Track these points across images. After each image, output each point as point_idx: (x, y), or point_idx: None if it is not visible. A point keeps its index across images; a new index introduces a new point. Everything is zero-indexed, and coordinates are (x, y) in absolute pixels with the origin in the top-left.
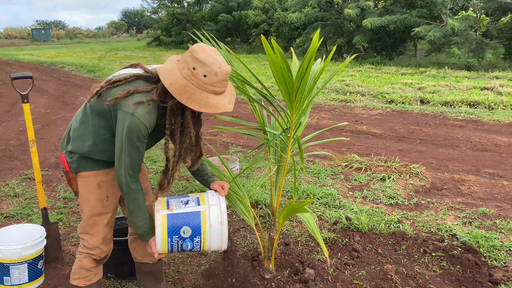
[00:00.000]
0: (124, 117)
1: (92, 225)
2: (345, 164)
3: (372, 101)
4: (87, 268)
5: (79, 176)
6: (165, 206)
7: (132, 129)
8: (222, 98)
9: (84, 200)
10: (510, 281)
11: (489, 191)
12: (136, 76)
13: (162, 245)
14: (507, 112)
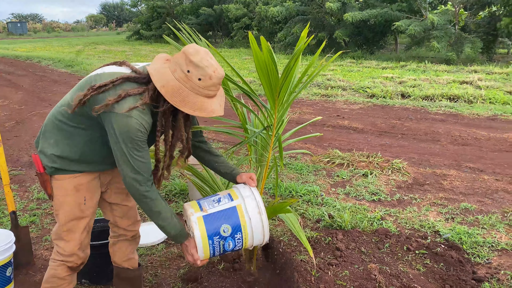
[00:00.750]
0: (120, 120)
1: (68, 231)
2: (327, 159)
3: (354, 95)
4: (61, 277)
5: (54, 178)
6: (198, 208)
7: (130, 132)
8: (215, 101)
9: (60, 204)
10: (493, 278)
11: (470, 186)
12: (123, 78)
13: (204, 249)
14: (486, 106)
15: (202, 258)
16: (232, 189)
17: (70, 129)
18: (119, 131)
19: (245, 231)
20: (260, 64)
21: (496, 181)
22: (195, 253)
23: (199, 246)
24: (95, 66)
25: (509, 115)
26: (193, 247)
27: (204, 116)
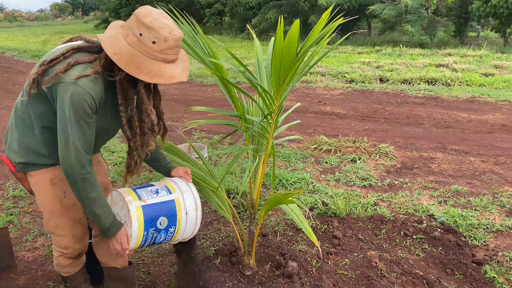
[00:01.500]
0: (66, 88)
1: (57, 227)
2: (314, 146)
3: (333, 81)
4: (66, 265)
5: (28, 175)
6: (136, 197)
7: (75, 100)
8: (175, 67)
9: (40, 200)
10: (493, 261)
11: (458, 168)
12: (74, 49)
13: (137, 239)
14: (464, 88)
15: (131, 248)
16: (167, 181)
17: (32, 119)
18: (65, 100)
19: (179, 226)
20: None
21: (483, 162)
22: (125, 242)
23: (134, 236)
24: None
25: (486, 97)
26: (124, 235)
27: (163, 83)
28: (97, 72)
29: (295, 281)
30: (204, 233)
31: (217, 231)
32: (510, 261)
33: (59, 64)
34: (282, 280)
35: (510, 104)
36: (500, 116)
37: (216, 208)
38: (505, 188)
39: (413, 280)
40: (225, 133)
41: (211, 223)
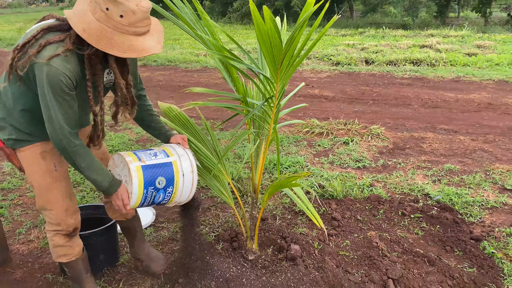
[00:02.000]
0: (40, 70)
1: (47, 201)
2: (306, 130)
3: (319, 64)
4: (61, 245)
5: (18, 151)
6: (136, 158)
7: (51, 80)
8: (148, 39)
9: (31, 175)
10: (490, 237)
11: (449, 147)
12: (44, 30)
13: (137, 197)
14: (448, 68)
15: (132, 206)
16: (165, 147)
17: (13, 102)
18: (42, 81)
19: (177, 186)
20: (263, 33)
21: (472, 141)
22: (126, 198)
23: (134, 194)
24: None
25: (471, 77)
26: (124, 192)
27: (136, 57)
28: (68, 49)
29: (299, 264)
30: (203, 220)
31: (215, 217)
32: (507, 236)
33: (31, 47)
34: (285, 263)
35: (494, 83)
36: (485, 95)
37: (217, 193)
38: (496, 165)
39: (414, 258)
40: (216, 119)
41: (209, 209)
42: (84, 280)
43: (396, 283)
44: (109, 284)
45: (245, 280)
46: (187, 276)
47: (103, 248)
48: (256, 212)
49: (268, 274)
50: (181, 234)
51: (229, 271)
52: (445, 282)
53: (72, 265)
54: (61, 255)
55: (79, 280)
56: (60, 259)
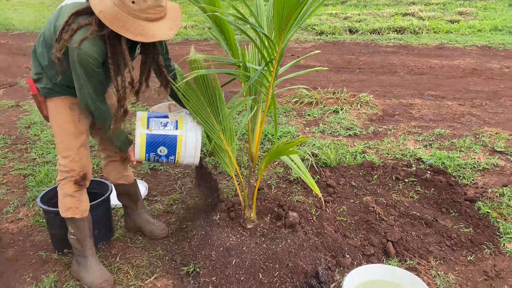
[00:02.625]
0: (72, 53)
1: (67, 147)
2: (295, 100)
3: (302, 34)
4: (70, 194)
5: (49, 99)
6: (145, 125)
7: (81, 61)
8: (160, 25)
9: (56, 122)
10: (484, 197)
11: (438, 113)
12: (74, 14)
13: (140, 157)
14: (432, 36)
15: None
16: (182, 116)
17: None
18: (74, 62)
19: (178, 156)
20: None
21: (460, 105)
22: (132, 156)
23: (137, 155)
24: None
25: (454, 43)
26: (131, 151)
27: (145, 41)
28: (94, 31)
29: (298, 230)
30: (198, 192)
31: None
32: (500, 196)
33: (66, 32)
34: (284, 230)
35: (478, 49)
36: (470, 61)
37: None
38: (485, 128)
39: (411, 221)
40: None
41: None
42: (86, 243)
43: (396, 245)
44: (106, 259)
45: (245, 248)
46: (186, 246)
47: (98, 223)
48: (254, 181)
49: (268, 242)
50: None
51: (228, 240)
52: (443, 243)
53: (77, 224)
54: (68, 208)
55: (81, 241)
56: (67, 213)
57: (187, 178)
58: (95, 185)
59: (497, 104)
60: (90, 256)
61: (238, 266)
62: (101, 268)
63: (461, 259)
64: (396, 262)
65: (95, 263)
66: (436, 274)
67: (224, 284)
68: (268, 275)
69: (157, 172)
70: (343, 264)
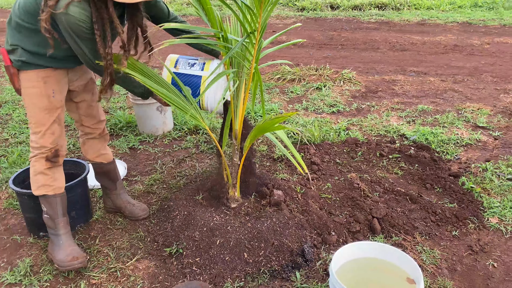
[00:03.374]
0: (61, 18)
1: (39, 122)
2: (278, 76)
3: (283, 10)
4: (41, 171)
5: (23, 72)
6: (174, 64)
7: (72, 26)
8: None
9: (29, 94)
10: (467, 172)
11: (420, 89)
12: None
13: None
14: (413, 12)
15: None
16: (210, 60)
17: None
18: (65, 28)
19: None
20: None
21: (442, 81)
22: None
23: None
24: None
25: (436, 19)
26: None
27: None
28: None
29: (283, 209)
30: (179, 171)
31: (191, 168)
32: (483, 171)
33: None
34: (269, 208)
35: (459, 25)
36: (451, 37)
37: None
38: (467, 104)
39: (396, 197)
40: None
41: (184, 160)
42: (59, 221)
43: (381, 221)
44: (84, 241)
45: (229, 227)
46: (169, 227)
47: (75, 204)
48: (238, 159)
49: (253, 221)
50: None
51: (212, 220)
52: (428, 218)
53: (50, 201)
54: (40, 185)
55: (54, 219)
56: (40, 191)
57: (168, 158)
58: (72, 165)
59: (479, 80)
60: (62, 234)
61: (223, 246)
62: (73, 247)
63: (446, 234)
64: (382, 239)
65: (67, 241)
66: (422, 250)
67: (208, 264)
68: (253, 255)
69: (136, 151)
70: (329, 242)
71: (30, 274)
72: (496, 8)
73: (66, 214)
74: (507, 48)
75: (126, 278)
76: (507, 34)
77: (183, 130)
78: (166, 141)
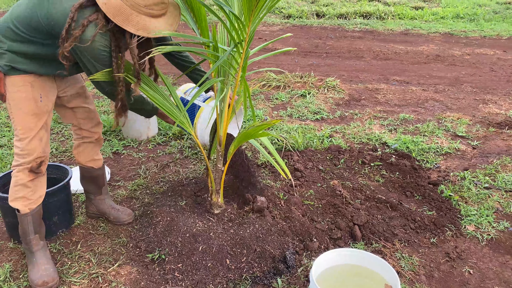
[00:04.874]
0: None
1: (25, 129)
2: (263, 83)
3: (270, 17)
4: (23, 183)
5: (9, 76)
6: (184, 90)
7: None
8: (161, 21)
9: (15, 99)
10: (446, 181)
11: (403, 98)
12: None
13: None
14: (397, 22)
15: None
16: (212, 97)
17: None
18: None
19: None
20: None
21: (423, 91)
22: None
23: None
24: None
25: (419, 29)
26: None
27: (147, 36)
28: (103, 25)
29: (266, 215)
30: (162, 176)
31: (175, 173)
32: (461, 180)
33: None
34: (252, 215)
35: (441, 35)
36: (433, 47)
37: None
38: (447, 113)
39: (377, 204)
40: (166, 73)
41: (168, 166)
42: (31, 239)
43: (362, 228)
44: (66, 246)
45: (212, 234)
46: (151, 233)
47: (57, 209)
48: (222, 165)
49: (236, 227)
50: None
51: (195, 226)
52: (408, 226)
53: (21, 219)
54: (18, 197)
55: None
56: (15, 203)
57: (151, 163)
58: (54, 169)
59: (459, 90)
60: (35, 252)
61: (205, 252)
62: (46, 265)
63: (424, 241)
64: (363, 245)
65: (41, 259)
66: (401, 257)
67: (190, 270)
68: (235, 261)
69: (120, 156)
70: (311, 248)
71: (10, 280)
72: (477, 20)
73: (39, 230)
74: (487, 59)
75: (107, 284)
76: (487, 46)
77: (167, 135)
78: (150, 146)
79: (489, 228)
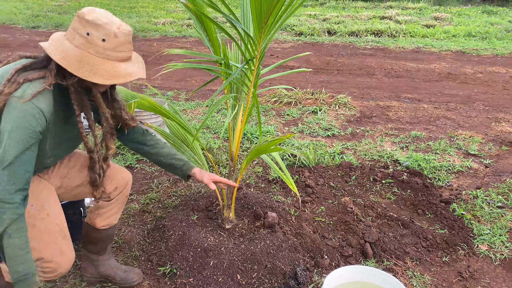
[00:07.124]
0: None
1: (39, 251)
2: (274, 99)
3: (281, 34)
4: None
5: None
6: None
7: (24, 117)
8: (130, 65)
9: None
10: (458, 199)
11: (414, 115)
12: (18, 70)
13: None
14: (408, 39)
15: None
16: None
17: None
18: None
19: None
20: None
21: (435, 109)
22: None
23: None
24: None
25: (430, 47)
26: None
27: (121, 83)
28: (51, 84)
29: (277, 231)
30: (174, 191)
31: (187, 188)
32: (474, 198)
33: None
34: (263, 230)
35: (452, 53)
36: (445, 65)
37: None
38: (459, 131)
39: (388, 222)
40: (179, 89)
41: (180, 180)
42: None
43: (373, 246)
44: (78, 258)
45: (223, 249)
46: (163, 247)
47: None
48: (233, 180)
49: (247, 242)
50: None
51: (206, 241)
52: (419, 244)
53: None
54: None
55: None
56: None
57: (164, 177)
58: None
59: (471, 108)
60: None
61: (216, 267)
62: None
63: (436, 260)
64: (374, 263)
65: None
66: (412, 275)
67: (201, 285)
68: (246, 276)
69: (133, 170)
70: (322, 265)
71: None
72: (489, 38)
73: None
74: (499, 77)
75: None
76: (499, 64)
77: None
78: None
79: (502, 248)
